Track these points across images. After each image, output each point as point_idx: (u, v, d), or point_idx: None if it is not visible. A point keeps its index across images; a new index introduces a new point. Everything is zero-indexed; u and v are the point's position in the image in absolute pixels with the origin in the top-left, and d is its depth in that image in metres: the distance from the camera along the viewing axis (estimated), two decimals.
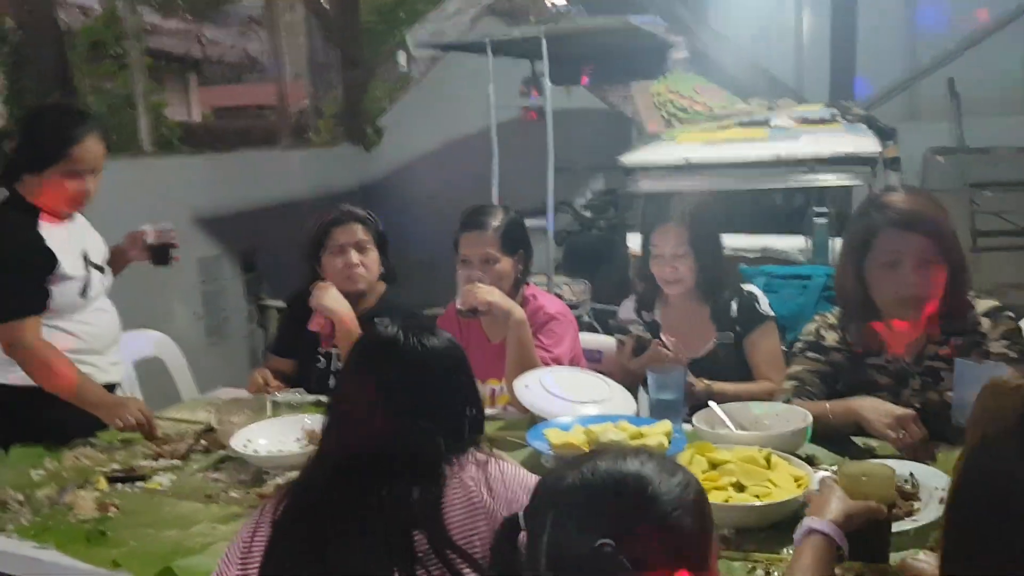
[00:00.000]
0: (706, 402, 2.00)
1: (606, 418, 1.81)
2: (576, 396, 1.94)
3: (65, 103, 3.14)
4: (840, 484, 1.44)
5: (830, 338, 1.99)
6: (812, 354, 1.99)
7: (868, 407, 1.73)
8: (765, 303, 2.32)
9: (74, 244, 2.31)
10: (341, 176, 6.05)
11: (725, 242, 2.39)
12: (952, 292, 1.88)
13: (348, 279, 2.50)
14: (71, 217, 2.36)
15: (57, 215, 2.29)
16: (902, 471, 1.50)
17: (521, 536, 0.96)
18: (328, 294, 2.39)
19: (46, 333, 2.20)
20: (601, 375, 2.12)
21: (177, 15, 15.88)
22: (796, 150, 3.11)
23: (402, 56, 8.56)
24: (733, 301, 2.31)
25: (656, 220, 2.34)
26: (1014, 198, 4.79)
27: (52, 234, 2.24)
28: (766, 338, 2.29)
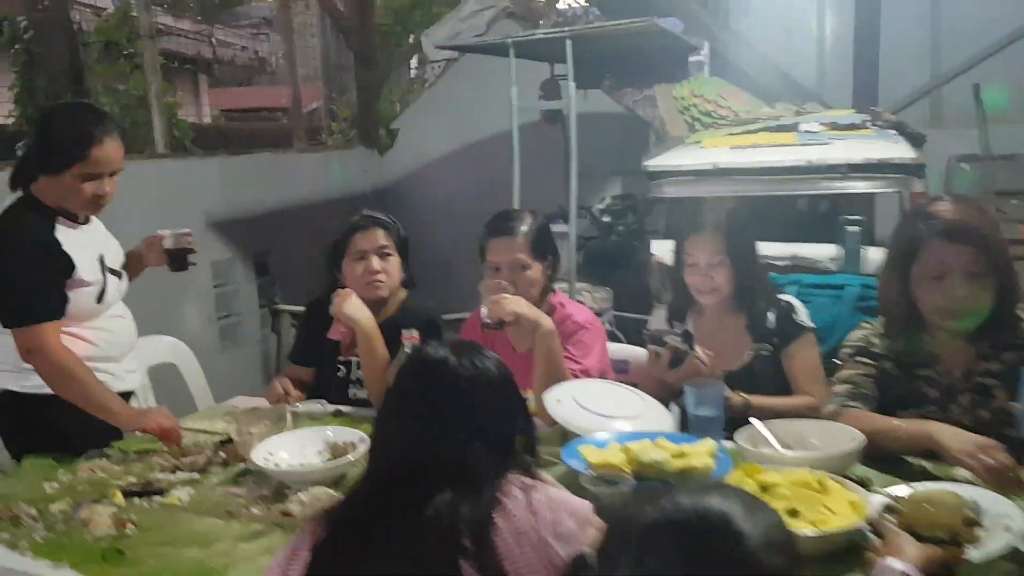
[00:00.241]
0: (743, 417, 1.93)
1: (644, 435, 1.73)
2: (610, 411, 1.87)
3: (83, 102, 3.07)
4: (905, 511, 1.37)
5: (880, 345, 1.92)
6: (863, 359, 1.92)
7: (948, 434, 1.64)
8: (804, 314, 2.24)
9: (91, 248, 2.24)
10: (354, 179, 6.00)
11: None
12: (1001, 305, 1.81)
13: (369, 286, 2.43)
14: (87, 220, 2.30)
15: (74, 218, 2.23)
16: (965, 496, 1.42)
17: None
18: (349, 302, 2.32)
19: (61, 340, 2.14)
20: (635, 388, 2.04)
21: (188, 16, 15.92)
22: (828, 156, 3.03)
23: (414, 61, 8.55)
24: (770, 311, 2.23)
25: (689, 227, 2.26)
26: None
27: (69, 238, 2.18)
28: (805, 350, 2.21)
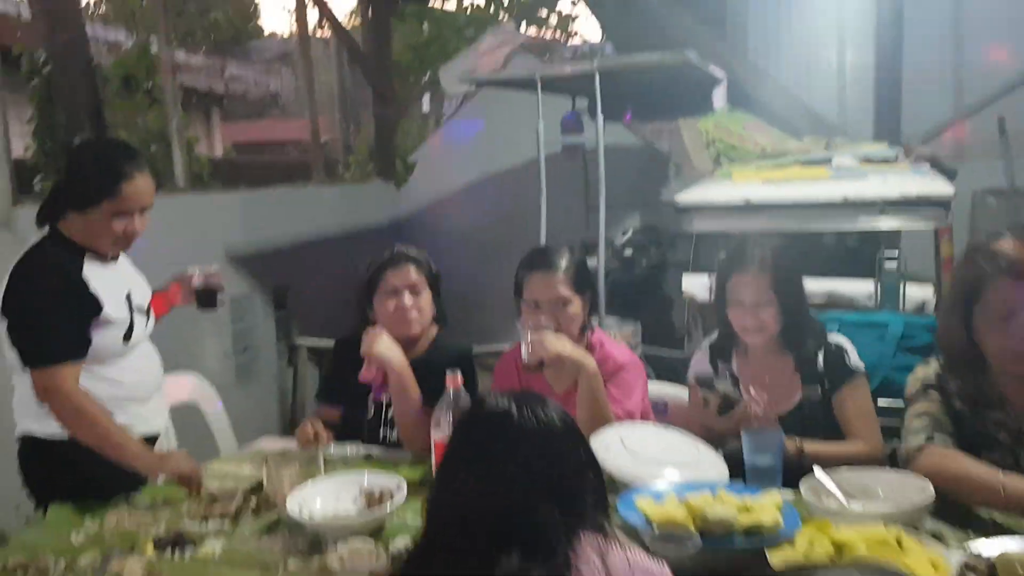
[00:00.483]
0: (795, 463, 1.85)
1: (701, 485, 1.65)
2: (662, 457, 1.78)
3: (113, 139, 3.04)
4: (1000, 571, 1.29)
5: (951, 384, 1.84)
6: (935, 393, 1.85)
7: None
8: (854, 356, 2.16)
9: (118, 286, 2.19)
10: (371, 213, 5.97)
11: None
12: None
13: (401, 322, 2.37)
14: (115, 257, 2.25)
15: (102, 255, 2.18)
16: None
17: None
18: (380, 341, 2.26)
19: (87, 381, 2.08)
20: (685, 433, 1.96)
21: (201, 51, 16.05)
22: (864, 191, 2.97)
23: (426, 99, 8.58)
24: (819, 353, 2.16)
25: (735, 265, 2.19)
26: None
27: (96, 275, 2.12)
28: (857, 394, 2.13)
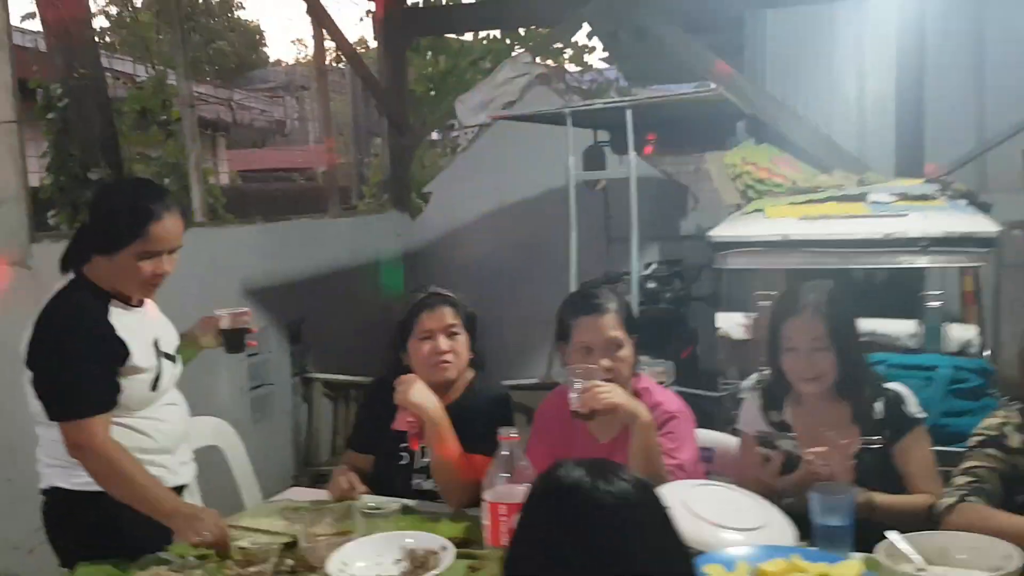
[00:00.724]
0: (864, 517, 1.76)
1: (774, 551, 1.55)
2: (728, 520, 1.68)
3: (140, 178, 2.98)
4: None
5: (1015, 439, 1.75)
6: (992, 450, 1.77)
7: None
8: (914, 404, 2.06)
9: (145, 332, 2.11)
10: (386, 244, 5.90)
11: None
12: None
13: (436, 367, 2.29)
14: (141, 303, 2.17)
15: (128, 299, 2.10)
16: None
17: None
18: (414, 389, 2.17)
19: (113, 433, 1.99)
20: (749, 493, 1.86)
21: (208, 81, 16.14)
22: (906, 228, 2.89)
23: (436, 135, 8.56)
24: (878, 401, 2.06)
25: (788, 309, 2.10)
26: None
27: (123, 322, 2.04)
28: (919, 444, 2.03)
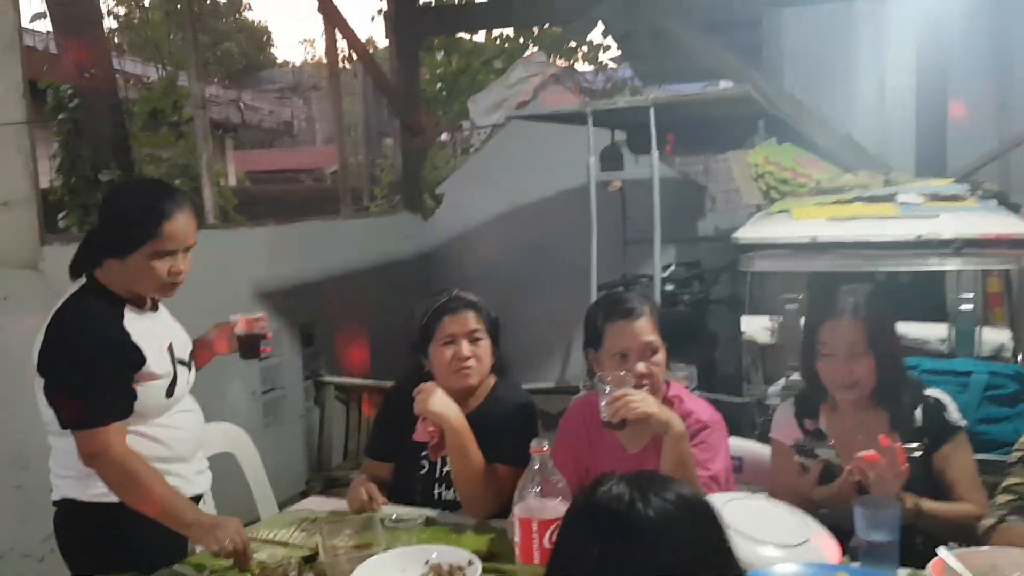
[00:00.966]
0: (910, 525, 1.68)
1: (817, 569, 1.48)
2: (770, 536, 1.61)
3: (150, 178, 2.92)
4: None
5: None
6: None
7: None
8: (955, 411, 1.99)
9: (159, 337, 2.04)
10: (398, 245, 5.85)
11: None
12: None
13: (459, 373, 2.21)
14: (155, 307, 2.11)
15: (142, 304, 2.03)
16: None
17: None
18: (434, 398, 2.10)
19: (128, 441, 1.92)
20: (792, 508, 1.79)
21: (216, 82, 16.12)
22: (938, 229, 2.81)
23: (445, 135, 8.51)
24: (917, 408, 1.99)
25: (825, 312, 2.03)
26: None
27: (137, 327, 1.98)
28: (960, 452, 1.96)
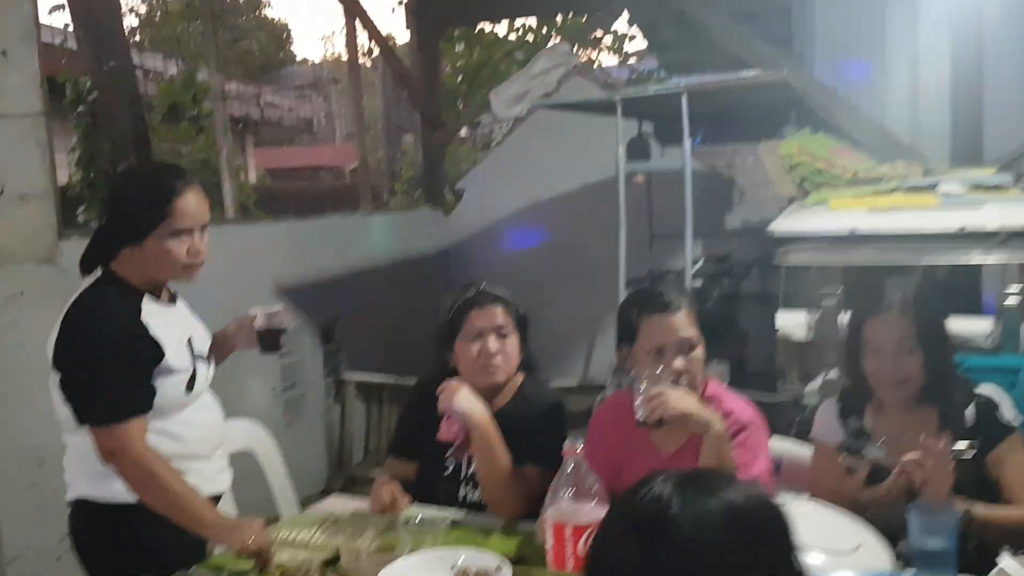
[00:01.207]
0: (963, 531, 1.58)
1: None
2: (818, 541, 1.51)
3: (156, 161, 2.87)
4: None
5: None
6: None
7: None
8: (1009, 410, 1.89)
9: (179, 331, 1.98)
10: (420, 241, 5.78)
11: None
12: None
13: (485, 369, 2.12)
14: (174, 300, 2.04)
15: (160, 295, 1.97)
16: None
17: None
18: (459, 396, 2.02)
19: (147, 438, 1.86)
20: (839, 511, 1.69)
21: (236, 78, 16.14)
22: (983, 221, 2.69)
23: (464, 130, 8.45)
24: (968, 407, 1.89)
25: (871, 306, 1.93)
26: None
27: (156, 320, 1.91)
28: (1015, 453, 1.85)
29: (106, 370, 1.81)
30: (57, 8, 5.14)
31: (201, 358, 2.02)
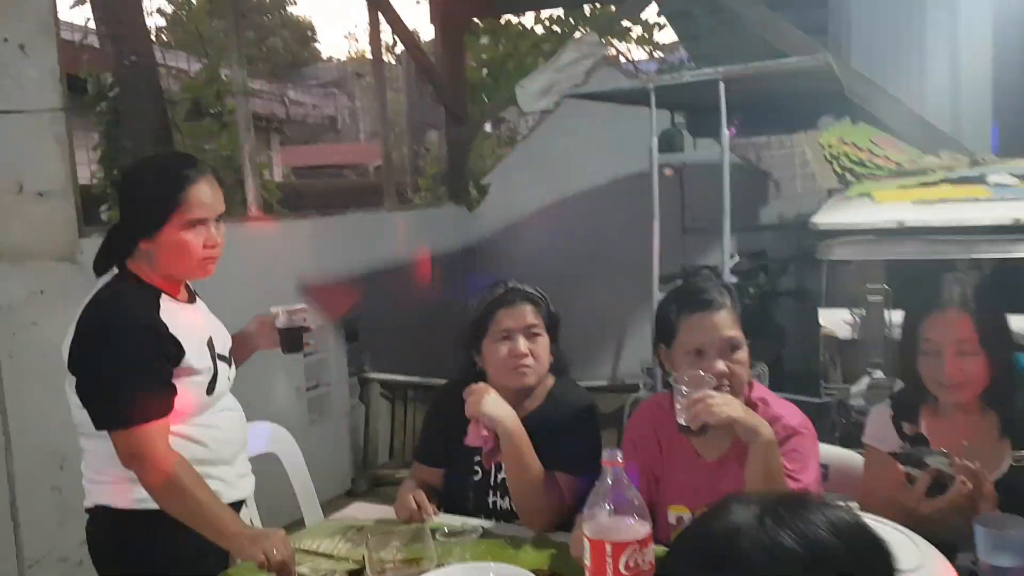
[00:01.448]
0: None
1: None
2: None
3: (166, 151, 2.81)
4: None
5: None
6: None
7: None
8: None
9: (198, 330, 1.90)
10: (444, 238, 5.69)
11: None
12: None
13: (515, 371, 2.02)
14: (193, 299, 1.97)
15: (178, 294, 1.90)
16: None
17: None
18: (487, 400, 1.92)
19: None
20: (899, 527, 1.57)
21: (261, 77, 16.18)
22: None
23: (488, 126, 8.34)
24: None
25: (928, 303, 1.81)
26: None
27: (175, 319, 1.84)
28: None
29: (124, 371, 1.74)
30: (79, 2, 5.11)
31: (222, 359, 1.95)
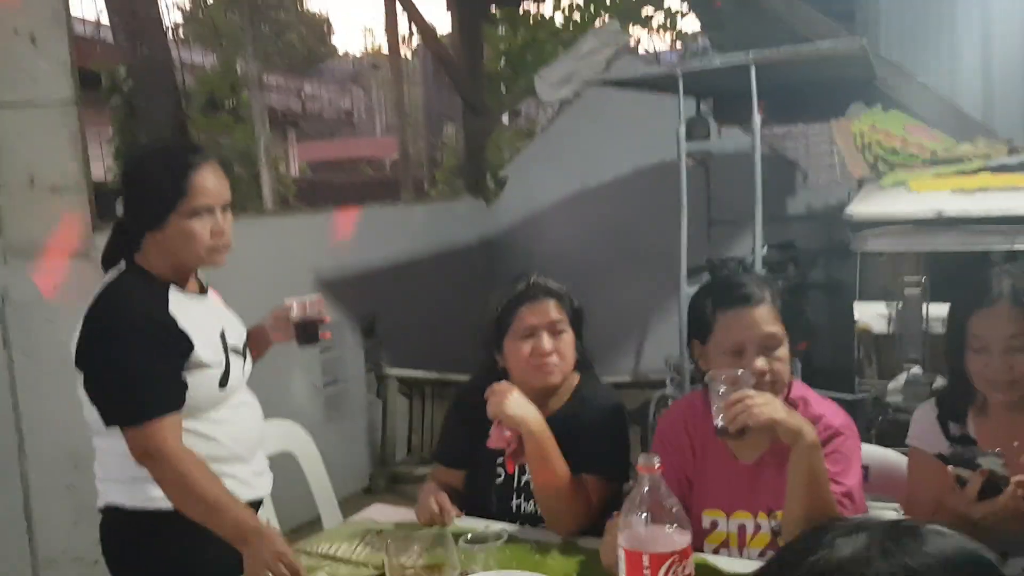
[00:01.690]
0: None
1: None
2: None
3: (170, 140, 2.75)
4: None
5: None
6: None
7: None
8: None
9: (210, 323, 1.84)
10: (461, 231, 5.61)
11: None
12: None
13: (539, 369, 1.93)
14: (203, 290, 1.90)
15: (187, 286, 1.83)
16: None
17: None
18: (509, 400, 1.83)
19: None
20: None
21: (278, 71, 16.17)
22: None
23: (506, 117, 8.24)
24: None
25: (977, 298, 1.71)
26: None
27: (184, 311, 1.78)
28: None
29: (134, 365, 1.68)
30: None
31: (235, 352, 1.89)
